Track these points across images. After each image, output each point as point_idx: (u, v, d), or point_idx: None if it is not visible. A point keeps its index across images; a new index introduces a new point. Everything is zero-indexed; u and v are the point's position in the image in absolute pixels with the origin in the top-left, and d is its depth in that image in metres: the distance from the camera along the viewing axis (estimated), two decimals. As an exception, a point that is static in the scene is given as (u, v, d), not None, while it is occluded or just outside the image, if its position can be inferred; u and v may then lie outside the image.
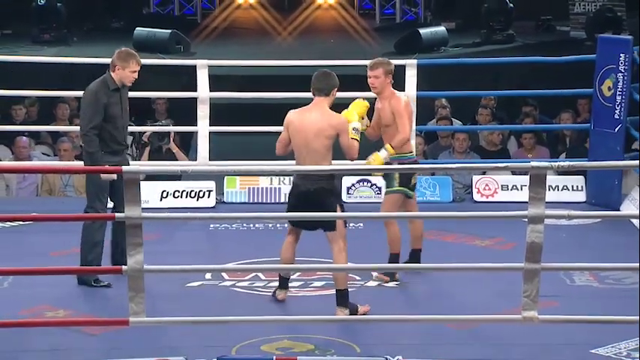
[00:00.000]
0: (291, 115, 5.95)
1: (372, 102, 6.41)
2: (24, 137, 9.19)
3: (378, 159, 6.28)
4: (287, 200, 6.03)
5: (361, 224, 7.71)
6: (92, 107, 6.36)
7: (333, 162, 5.92)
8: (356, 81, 7.22)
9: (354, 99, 6.36)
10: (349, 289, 6.15)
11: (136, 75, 6.44)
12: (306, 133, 5.84)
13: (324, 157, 5.83)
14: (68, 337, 5.38)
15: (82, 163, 8.84)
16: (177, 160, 8.95)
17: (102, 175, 6.21)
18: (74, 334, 5.42)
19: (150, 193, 8.10)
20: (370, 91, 6.53)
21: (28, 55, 11.69)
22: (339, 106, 6.11)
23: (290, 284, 6.30)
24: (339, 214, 5.84)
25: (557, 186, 8.40)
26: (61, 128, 9.59)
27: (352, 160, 6.00)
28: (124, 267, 4.88)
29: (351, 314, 5.70)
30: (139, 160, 9.02)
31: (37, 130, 9.73)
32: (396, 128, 6.32)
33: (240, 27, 16.30)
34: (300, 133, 5.86)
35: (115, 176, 6.15)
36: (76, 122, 9.75)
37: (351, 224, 7.65)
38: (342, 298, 5.75)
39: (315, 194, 5.79)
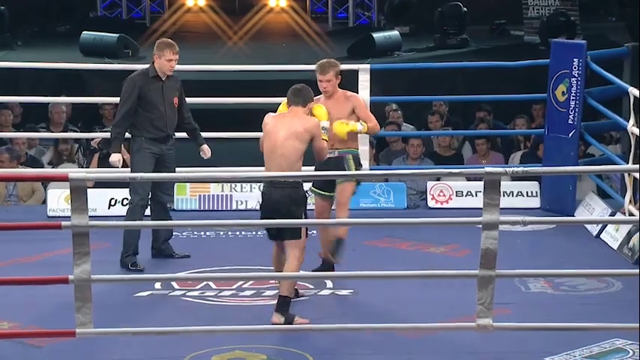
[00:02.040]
0: (267, 118, 5.96)
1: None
2: (-36, 146, 9.07)
3: (352, 127, 6.37)
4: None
5: (314, 231, 7.71)
6: (125, 95, 6.79)
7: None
8: (309, 85, 7.24)
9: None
10: (302, 298, 6.17)
11: (173, 64, 6.81)
12: (277, 136, 5.82)
13: (292, 163, 5.79)
14: (13, 350, 5.33)
15: (25, 169, 8.82)
16: (128, 167, 8.88)
17: (110, 160, 6.90)
18: (19, 346, 5.37)
19: (98, 200, 8.05)
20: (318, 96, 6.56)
21: (-29, 59, 11.54)
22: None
23: (242, 293, 6.30)
24: (301, 221, 5.83)
25: (512, 192, 8.48)
26: (4, 135, 9.48)
27: (321, 160, 6.08)
28: (70, 276, 4.84)
29: (286, 323, 5.69)
30: (88, 167, 8.95)
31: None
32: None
33: (190, 31, 16.24)
34: (271, 136, 5.85)
35: (120, 164, 6.86)
36: (28, 129, 9.69)
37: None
38: (283, 305, 5.75)
39: (281, 202, 5.75)
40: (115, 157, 6.90)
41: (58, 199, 8.18)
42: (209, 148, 7.10)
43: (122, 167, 8.78)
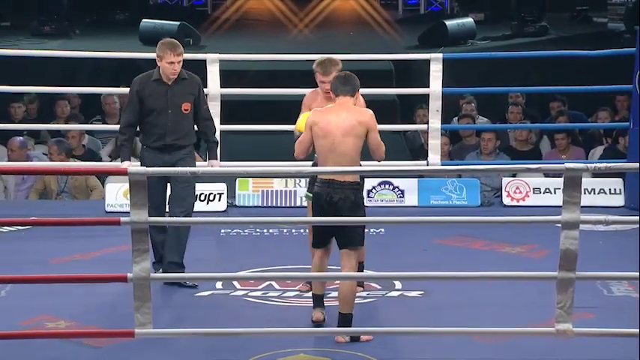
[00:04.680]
0: (315, 116, 5.68)
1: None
2: (19, 138, 9.22)
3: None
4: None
5: (382, 229, 7.71)
6: (127, 100, 6.59)
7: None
8: (378, 76, 7.24)
9: (376, 95, 6.35)
10: (370, 300, 6.17)
11: (175, 67, 6.40)
12: (333, 135, 5.57)
13: (353, 161, 5.57)
14: (70, 350, 5.40)
15: (82, 163, 8.94)
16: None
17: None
18: (76, 346, 5.44)
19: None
20: (387, 87, 6.51)
21: (28, 48, 11.76)
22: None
23: (306, 294, 6.30)
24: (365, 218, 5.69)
25: (594, 189, 8.38)
26: (61, 127, 9.62)
27: (380, 161, 5.77)
28: (129, 275, 4.89)
29: (352, 340, 5.52)
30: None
31: (36, 128, 9.77)
32: None
33: (253, 19, 16.32)
34: (326, 137, 5.58)
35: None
36: (71, 122, 9.84)
37: (372, 229, 7.67)
38: (346, 322, 5.54)
39: (340, 205, 5.54)
40: (125, 166, 6.38)
41: (116, 194, 8.28)
42: (218, 164, 6.71)
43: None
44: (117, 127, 9.49)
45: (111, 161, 9.41)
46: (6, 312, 5.95)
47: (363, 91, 6.01)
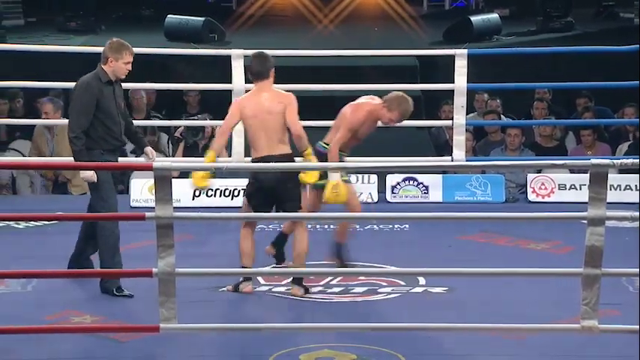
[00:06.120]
0: (242, 102, 6.38)
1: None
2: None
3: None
4: (247, 193, 6.38)
5: (406, 225, 7.69)
6: (82, 103, 6.31)
7: (374, 159, 5.91)
8: (403, 72, 7.21)
9: (400, 91, 6.35)
10: (395, 295, 6.17)
11: (129, 67, 6.40)
12: (262, 114, 6.27)
13: (282, 137, 6.26)
14: (95, 344, 5.43)
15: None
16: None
17: (81, 176, 6.30)
18: (102, 340, 5.46)
19: (181, 191, 8.14)
20: (412, 83, 6.50)
21: (54, 44, 11.79)
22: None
23: (330, 290, 6.31)
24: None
25: (620, 185, 8.34)
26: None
27: (298, 136, 6.25)
28: (154, 270, 4.90)
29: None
30: (173, 156, 9.05)
31: (61, 123, 9.79)
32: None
33: (278, 14, 16.32)
34: (256, 117, 6.27)
35: (95, 178, 6.20)
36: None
37: (396, 225, 7.66)
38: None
39: (281, 183, 6.21)
40: (90, 175, 6.24)
41: (141, 189, 8.31)
42: (152, 150, 6.61)
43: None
44: (143, 122, 9.60)
45: (136, 156, 9.43)
46: (32, 306, 5.98)
47: (388, 86, 6.01)
